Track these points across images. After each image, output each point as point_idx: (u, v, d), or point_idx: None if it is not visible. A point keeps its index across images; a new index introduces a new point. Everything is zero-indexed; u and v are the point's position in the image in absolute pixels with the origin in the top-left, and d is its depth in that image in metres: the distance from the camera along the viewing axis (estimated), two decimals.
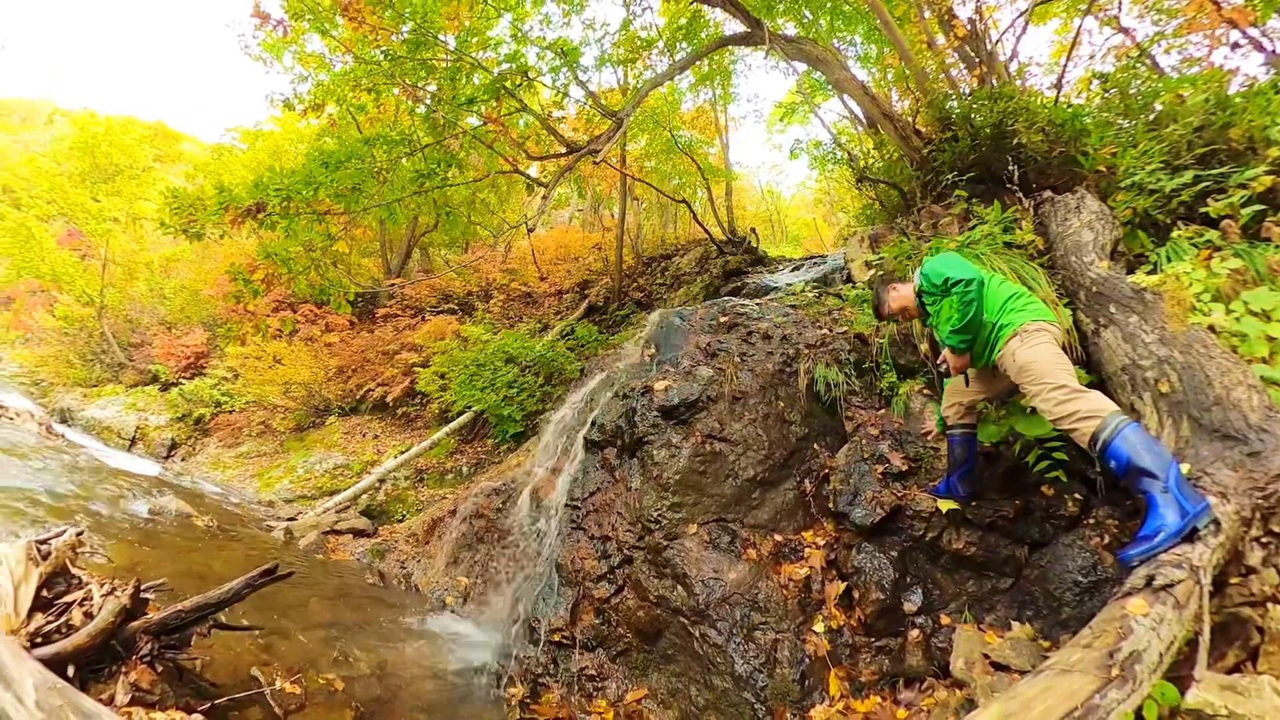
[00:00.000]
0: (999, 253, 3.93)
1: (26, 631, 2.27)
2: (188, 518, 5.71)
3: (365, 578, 5.30)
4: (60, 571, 2.56)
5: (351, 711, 2.82)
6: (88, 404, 14.00)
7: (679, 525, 3.62)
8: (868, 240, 5.73)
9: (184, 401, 12.90)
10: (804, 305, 5.47)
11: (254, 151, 17.04)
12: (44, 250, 16.29)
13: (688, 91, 13.57)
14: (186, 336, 15.67)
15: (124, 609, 2.38)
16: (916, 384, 4.04)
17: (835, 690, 2.93)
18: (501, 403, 8.50)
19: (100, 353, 16.34)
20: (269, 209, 7.89)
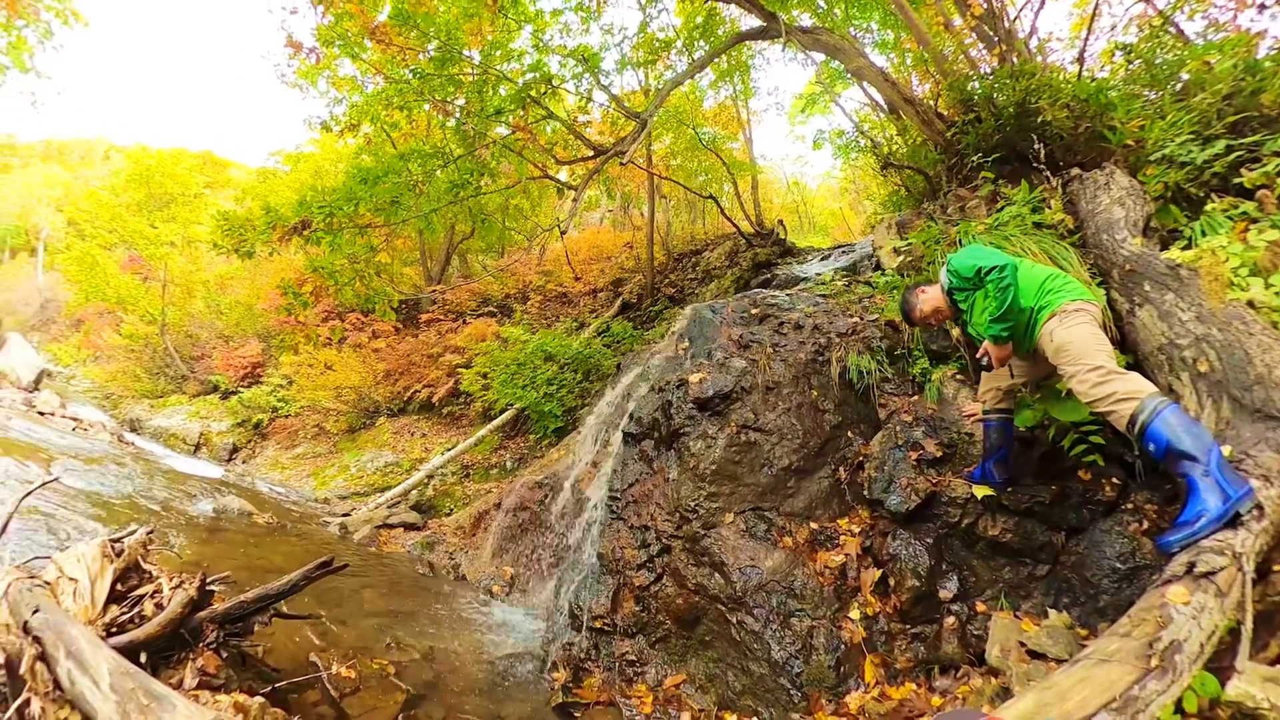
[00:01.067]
0: (1028, 234, 3.80)
1: (103, 622, 2.39)
2: (249, 515, 5.93)
3: (415, 569, 5.45)
4: (133, 567, 2.70)
5: (403, 694, 2.89)
6: (154, 414, 14.65)
7: (716, 514, 3.61)
8: (895, 226, 5.60)
9: (243, 408, 13.40)
10: (834, 294, 5.39)
11: (296, 173, 17.67)
12: (108, 276, 17.29)
13: (709, 89, 13.47)
14: (243, 348, 16.33)
15: (191, 600, 2.50)
16: (949, 369, 3.94)
17: (871, 677, 2.90)
18: (542, 399, 8.60)
19: (164, 366, 17.13)
20: (313, 226, 8.17)
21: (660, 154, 13.50)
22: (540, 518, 5.40)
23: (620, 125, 10.38)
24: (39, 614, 2.16)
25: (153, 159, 22.01)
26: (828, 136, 11.99)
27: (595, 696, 3.16)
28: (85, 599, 2.43)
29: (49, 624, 2.12)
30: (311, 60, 10.40)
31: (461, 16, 7.71)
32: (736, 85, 13.61)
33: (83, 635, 2.06)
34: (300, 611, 3.24)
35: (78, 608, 2.40)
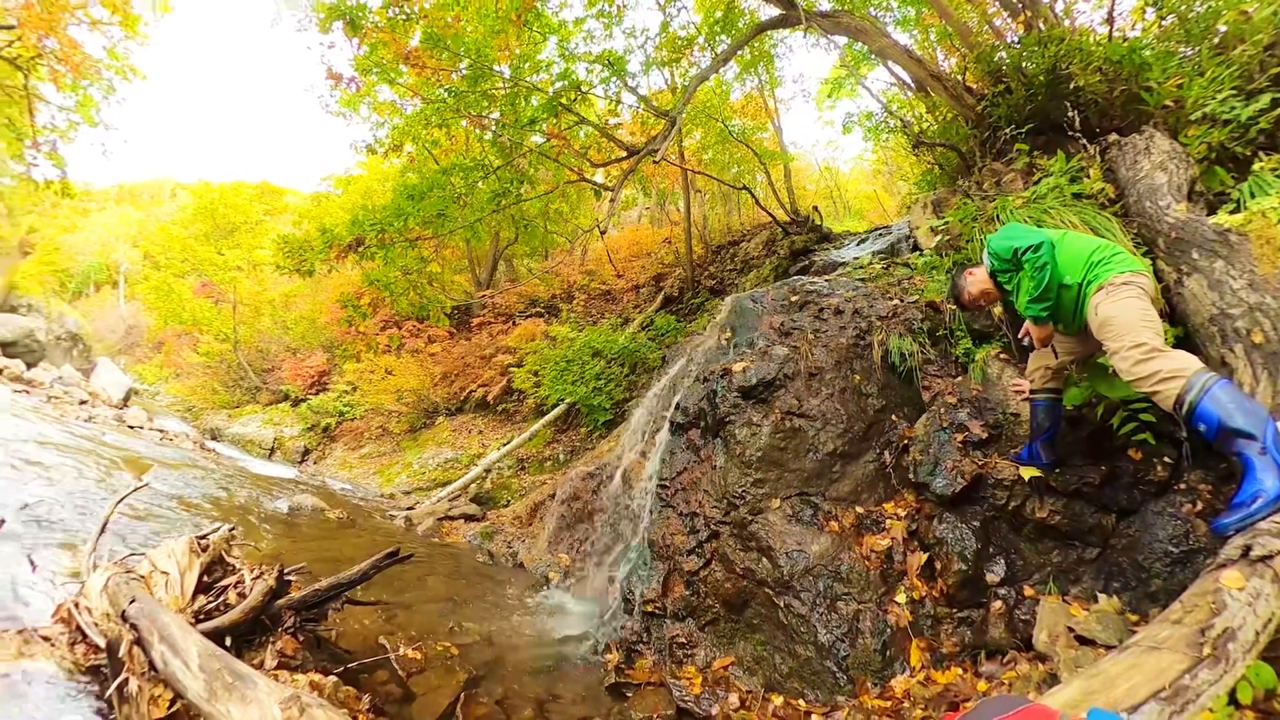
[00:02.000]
0: (1067, 205, 3.59)
1: (191, 610, 2.52)
2: (321, 511, 6.15)
3: (476, 557, 5.57)
4: (217, 560, 2.83)
5: (465, 674, 2.95)
6: (232, 422, 15.45)
7: (763, 500, 3.58)
8: (930, 206, 5.39)
9: (312, 414, 13.95)
10: (873, 277, 5.24)
11: (347, 194, 18.30)
12: (183, 301, 18.37)
13: (734, 81, 13.17)
14: (309, 359, 17.07)
15: (271, 589, 2.61)
16: (992, 349, 3.78)
17: (916, 661, 2.83)
18: (591, 394, 8.68)
19: (239, 379, 18.08)
20: (366, 242, 8.47)
21: (692, 149, 13.34)
22: (593, 507, 5.44)
23: (650, 124, 10.33)
24: (135, 604, 2.29)
25: (215, 193, 23.40)
26: (856, 119, 11.49)
27: (646, 677, 3.18)
28: (175, 590, 2.57)
29: (144, 612, 2.26)
30: (352, 89, 10.69)
31: (489, 34, 7.80)
32: (761, 76, 13.30)
33: (174, 622, 2.18)
34: (370, 598, 3.35)
35: (169, 598, 2.54)
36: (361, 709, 2.37)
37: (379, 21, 8.15)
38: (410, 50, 8.17)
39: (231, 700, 1.82)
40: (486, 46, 7.65)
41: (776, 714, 2.79)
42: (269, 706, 1.76)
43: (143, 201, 41.21)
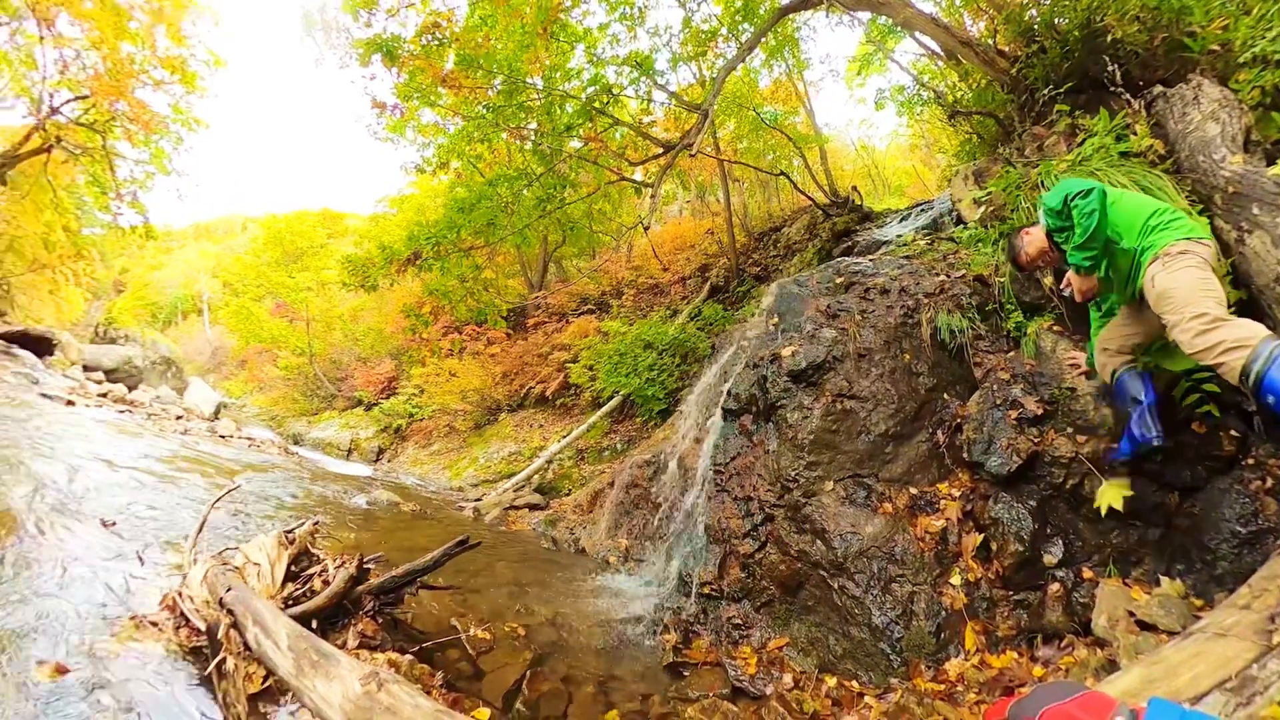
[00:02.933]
0: (1115, 165, 3.30)
1: (281, 597, 2.67)
2: (396, 505, 6.36)
3: (540, 544, 5.67)
4: (303, 552, 3.00)
5: (531, 653, 3.01)
6: (312, 428, 16.25)
7: (816, 483, 3.51)
8: (971, 176, 5.07)
9: (384, 416, 14.56)
10: (917, 254, 5.01)
11: (402, 213, 18.90)
12: (261, 322, 19.79)
13: (761, 69, 12.79)
14: (379, 366, 17.85)
15: (352, 576, 2.72)
16: (1045, 321, 3.55)
17: (971, 644, 2.71)
18: (645, 385, 8.70)
19: (315, 389, 19.16)
20: (424, 255, 8.77)
21: (726, 140, 13.11)
22: (650, 493, 5.46)
23: (683, 120, 10.22)
24: (231, 592, 2.45)
25: (281, 222, 25.07)
26: (888, 95, 10.92)
27: (703, 657, 3.18)
28: (267, 579, 2.73)
29: (239, 599, 2.41)
30: (396, 115, 11.05)
31: (518, 49, 7.88)
32: (788, 60, 12.86)
33: (265, 607, 2.32)
34: (442, 583, 3.43)
35: (261, 586, 2.68)
36: (435, 685, 2.45)
37: (414, 50, 8.39)
38: (446, 73, 8.39)
39: (317, 676, 1.92)
40: (517, 61, 7.76)
41: (830, 695, 2.73)
42: (350, 681, 1.85)
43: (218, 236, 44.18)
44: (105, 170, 14.09)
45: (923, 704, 2.40)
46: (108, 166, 14.03)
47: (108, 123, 13.39)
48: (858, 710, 2.56)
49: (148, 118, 13.68)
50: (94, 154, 13.85)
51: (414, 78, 8.76)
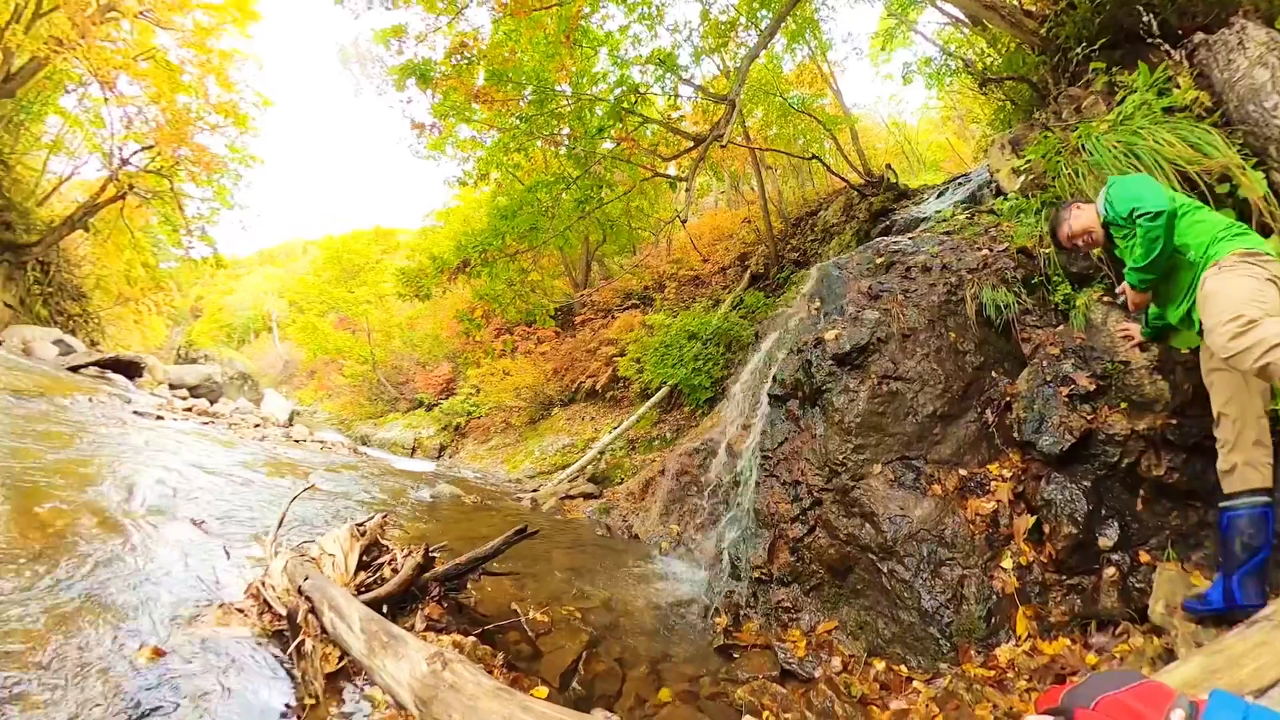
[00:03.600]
0: (1159, 122, 3.04)
1: (354, 584, 2.77)
2: (458, 497, 6.53)
3: (595, 531, 5.69)
4: (374, 543, 3.09)
5: (587, 635, 3.04)
6: (378, 429, 16.95)
7: (864, 466, 3.40)
8: (1008, 145, 4.78)
9: (444, 416, 15.08)
10: (958, 229, 4.77)
11: (449, 225, 19.57)
12: (326, 335, 21.02)
13: (784, 54, 12.42)
14: (437, 369, 18.49)
15: (419, 565, 2.77)
16: (1094, 292, 3.32)
17: (1023, 630, 2.58)
18: (691, 374, 8.71)
19: (379, 393, 20.01)
20: (472, 262, 9.03)
21: (756, 128, 12.83)
22: (700, 480, 5.44)
23: (711, 112, 10.07)
24: (309, 580, 2.56)
25: (338, 243, 26.79)
26: (915, 68, 10.43)
27: (753, 640, 3.16)
28: (340, 568, 2.83)
29: (316, 587, 2.52)
30: (435, 134, 11.39)
31: (544, 59, 7.95)
32: (810, 43, 12.45)
33: (340, 594, 2.43)
34: (503, 569, 3.51)
35: (335, 575, 2.78)
36: (496, 664, 2.52)
37: (445, 70, 8.59)
38: (478, 89, 8.57)
39: (386, 656, 2.01)
40: (545, 71, 7.85)
41: (878, 679, 2.67)
42: (417, 661, 1.92)
43: (281, 260, 46.58)
44: (175, 210, 15.35)
45: (972, 690, 2.31)
46: (177, 206, 15.27)
47: (173, 167, 14.50)
48: (906, 695, 2.49)
49: (208, 159, 14.77)
50: (163, 196, 15.07)
51: (448, 97, 8.99)
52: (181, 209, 15.34)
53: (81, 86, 14.14)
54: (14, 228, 13.17)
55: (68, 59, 11.71)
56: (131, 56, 13.00)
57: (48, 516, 3.10)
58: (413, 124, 10.78)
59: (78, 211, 14.24)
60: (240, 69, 14.74)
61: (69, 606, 2.35)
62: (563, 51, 8.06)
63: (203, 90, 14.38)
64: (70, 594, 2.44)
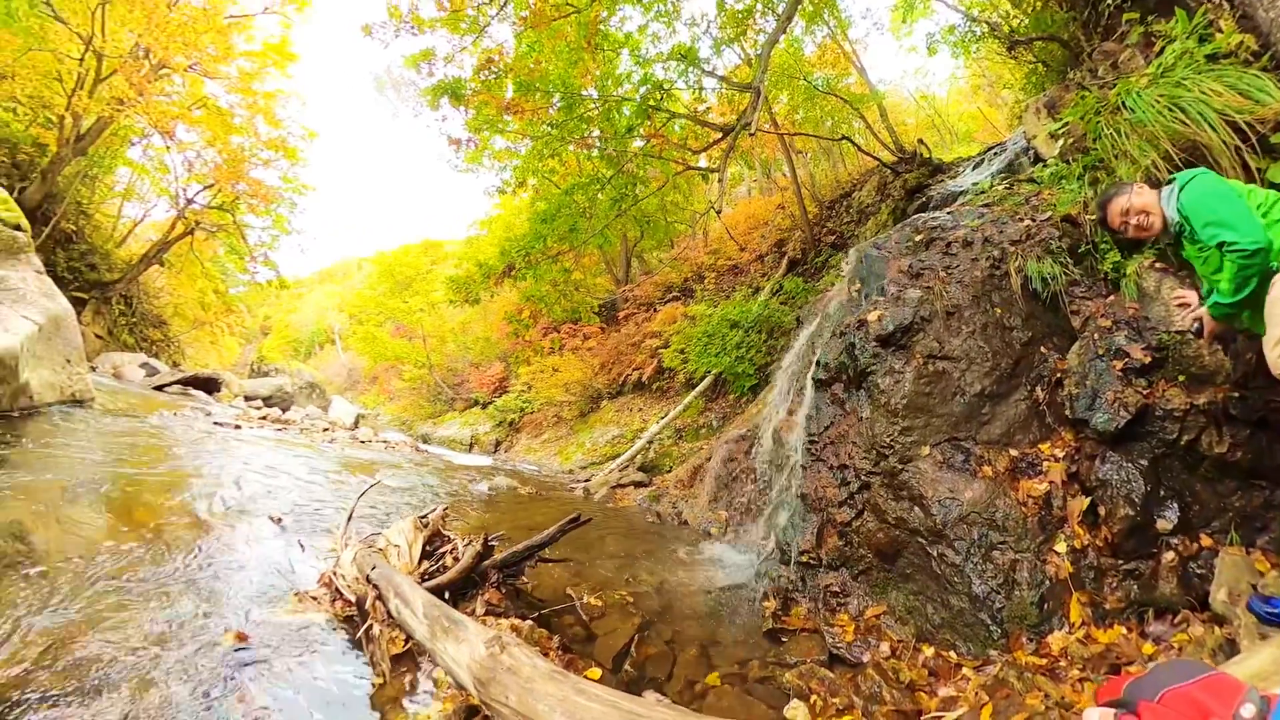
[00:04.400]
0: (1203, 71, 2.77)
1: (418, 572, 2.86)
2: (514, 489, 6.72)
3: (645, 518, 5.74)
4: (436, 534, 3.20)
5: (638, 619, 3.07)
6: (437, 428, 17.55)
7: (911, 448, 3.26)
8: (1044, 109, 4.45)
9: (498, 413, 15.49)
10: (997, 201, 4.50)
11: (492, 232, 20.04)
12: (385, 343, 22.27)
13: (804, 36, 11.98)
14: (490, 369, 19.02)
15: (478, 553, 2.87)
16: (1145, 258, 3.06)
17: (1076, 617, 2.42)
18: (734, 362, 8.64)
19: (437, 394, 20.89)
20: (516, 266, 9.21)
21: (783, 113, 12.46)
22: (747, 466, 5.38)
23: (737, 102, 9.89)
24: (376, 570, 2.67)
25: (390, 258, 28.33)
26: (939, 37, 9.86)
27: (801, 624, 3.11)
28: (405, 558, 2.93)
29: (382, 576, 2.61)
30: (471, 147, 11.61)
31: (568, 66, 7.97)
32: (829, 23, 11.97)
33: (404, 582, 2.53)
34: (558, 556, 3.57)
35: (400, 564, 2.87)
36: (552, 647, 2.58)
37: (476, 87, 8.73)
38: (508, 101, 8.68)
39: (448, 640, 2.08)
40: (570, 77, 7.89)
41: (927, 664, 2.56)
42: (476, 644, 1.98)
43: (339, 278, 48.88)
44: (239, 240, 16.64)
45: (1022, 678, 2.19)
46: (240, 237, 16.54)
47: (233, 202, 15.68)
48: (955, 681, 2.39)
49: (264, 191, 15.85)
50: (227, 229, 16.35)
51: (480, 111, 9.15)
52: (244, 239, 16.62)
53: (144, 138, 15.43)
54: (98, 268, 14.62)
55: (129, 115, 12.76)
56: (186, 107, 14.14)
57: (143, 518, 3.37)
58: (450, 140, 11.04)
59: (152, 249, 15.69)
60: (285, 106, 15.70)
61: (163, 596, 2.56)
62: (585, 57, 8.08)
63: (253, 129, 15.43)
64: (164, 585, 2.66)
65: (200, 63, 13.69)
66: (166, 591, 2.62)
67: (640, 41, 9.10)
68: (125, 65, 11.99)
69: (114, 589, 2.53)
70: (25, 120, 12.66)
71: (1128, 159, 3.14)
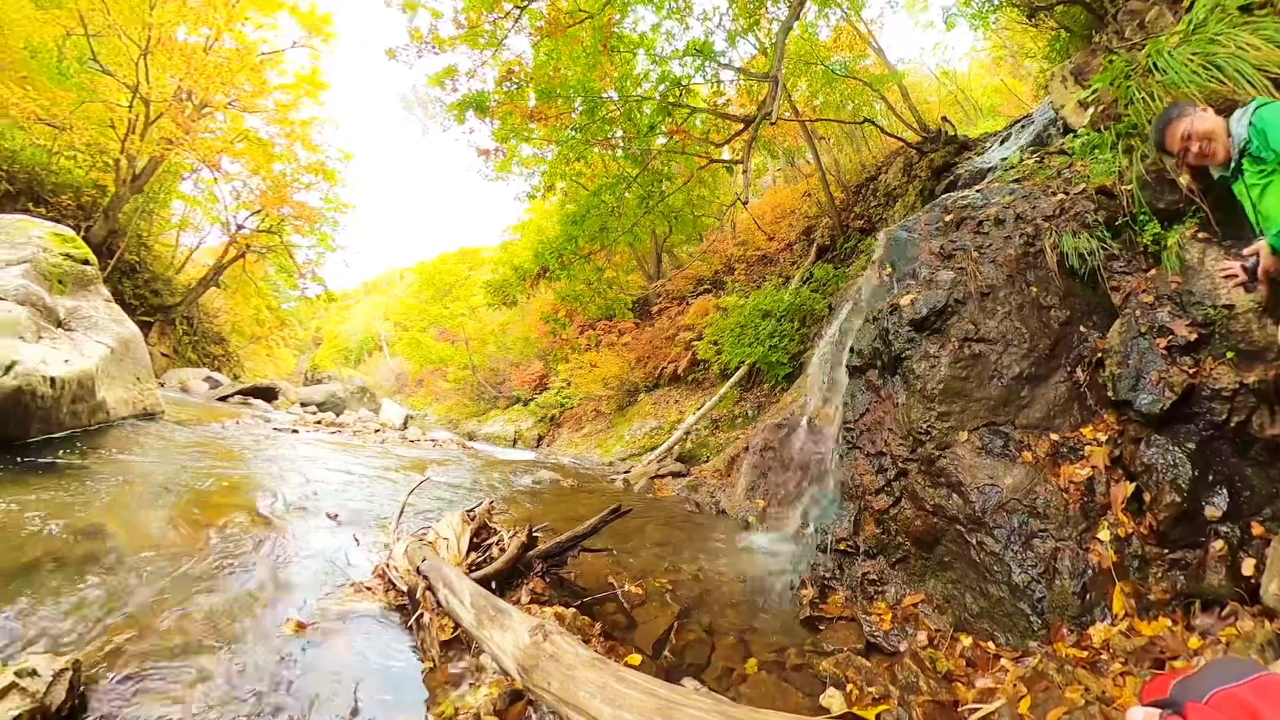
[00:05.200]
0: (1237, 25, 2.55)
1: (466, 564, 2.92)
2: (556, 481, 6.76)
3: (684, 507, 5.72)
4: (483, 526, 3.27)
5: (678, 606, 3.03)
6: (482, 425, 17.98)
7: (949, 434, 3.14)
8: (1070, 77, 4.16)
9: (539, 409, 15.76)
10: (1028, 175, 4.26)
11: (525, 236, 20.54)
12: (429, 348, 23.35)
13: (818, 20, 11.58)
14: (530, 368, 19.37)
15: (523, 544, 2.89)
16: (1187, 228, 2.86)
17: (1119, 608, 2.28)
18: (768, 352, 8.58)
19: (480, 394, 21.47)
20: (550, 268, 9.34)
21: (802, 100, 12.10)
22: (783, 454, 5.30)
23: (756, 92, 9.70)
24: (426, 562, 2.72)
25: (429, 267, 29.51)
26: (955, 10, 9.41)
27: (838, 612, 3.05)
28: (454, 550, 3.00)
29: (432, 567, 2.66)
30: (499, 157, 11.91)
31: (587, 70, 8.02)
32: (843, 4, 11.54)
33: (452, 573, 2.55)
34: (600, 546, 3.55)
35: (449, 556, 2.94)
36: (594, 634, 2.60)
37: (499, 98, 8.86)
38: (532, 110, 8.79)
39: (493, 628, 2.13)
40: (589, 81, 7.93)
41: (965, 655, 2.47)
42: (521, 633, 2.02)
43: (383, 288, 50.44)
44: (287, 259, 17.76)
45: (1062, 671, 2.09)
46: (288, 256, 17.67)
47: (280, 224, 16.82)
48: (993, 673, 2.30)
49: (308, 213, 16.96)
50: (276, 249, 17.46)
51: (505, 121, 9.30)
52: (293, 257, 17.74)
53: (193, 172, 16.69)
54: (160, 293, 15.91)
55: (178, 153, 13.78)
56: (229, 141, 15.18)
57: (211, 517, 3.55)
58: (478, 151, 11.28)
59: (209, 273, 16.91)
60: (320, 132, 16.71)
61: (230, 587, 2.71)
62: (603, 60, 8.09)
63: (293, 156, 16.46)
64: (230, 577, 2.81)
65: (238, 99, 14.66)
66: (233, 583, 2.77)
67: (655, 41, 9.06)
68: (170, 108, 12.93)
69: (186, 581, 2.68)
70: (85, 166, 13.81)
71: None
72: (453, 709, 2.04)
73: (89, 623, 2.23)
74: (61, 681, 1.73)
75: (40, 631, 2.11)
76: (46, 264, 5.57)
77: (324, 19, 15.48)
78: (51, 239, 5.91)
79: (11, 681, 1.66)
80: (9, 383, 4.04)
